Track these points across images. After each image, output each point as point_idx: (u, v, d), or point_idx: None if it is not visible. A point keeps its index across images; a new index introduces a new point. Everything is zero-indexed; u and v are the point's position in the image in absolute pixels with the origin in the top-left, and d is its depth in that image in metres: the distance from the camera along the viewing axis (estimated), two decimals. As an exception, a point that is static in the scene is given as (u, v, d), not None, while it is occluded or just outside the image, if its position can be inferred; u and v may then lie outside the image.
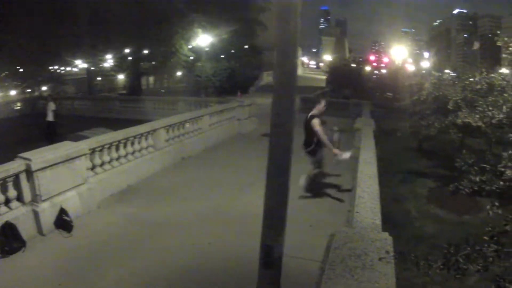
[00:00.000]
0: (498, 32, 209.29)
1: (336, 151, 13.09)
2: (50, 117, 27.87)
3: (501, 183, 6.29)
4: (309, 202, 13.15)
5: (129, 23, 45.95)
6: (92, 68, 54.38)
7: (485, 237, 5.13)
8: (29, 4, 41.84)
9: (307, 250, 9.63)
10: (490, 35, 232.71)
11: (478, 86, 18.65)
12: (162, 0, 47.83)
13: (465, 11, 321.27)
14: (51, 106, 28.14)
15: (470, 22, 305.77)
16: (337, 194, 14.05)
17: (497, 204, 5.97)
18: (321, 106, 13.61)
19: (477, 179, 6.76)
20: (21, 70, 52.21)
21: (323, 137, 12.89)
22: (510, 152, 6.53)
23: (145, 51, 52.93)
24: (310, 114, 13.33)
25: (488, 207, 6.10)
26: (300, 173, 13.83)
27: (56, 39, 45.71)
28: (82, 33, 47.09)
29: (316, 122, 12.90)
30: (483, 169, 6.96)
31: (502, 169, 6.56)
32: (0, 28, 41.23)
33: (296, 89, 5.99)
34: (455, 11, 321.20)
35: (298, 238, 9.71)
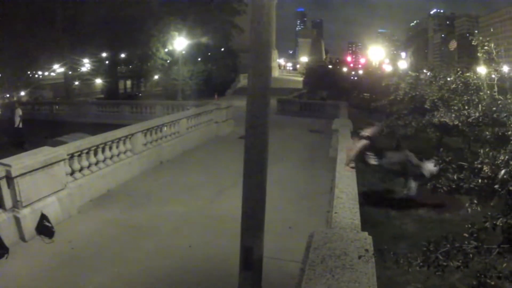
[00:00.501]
0: (476, 31, 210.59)
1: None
2: (17, 124, 27.92)
3: (479, 180, 6.40)
4: (286, 204, 13.22)
5: (106, 27, 45.72)
6: (70, 72, 53.97)
7: (465, 234, 5.25)
8: (7, 8, 41.53)
9: (287, 252, 9.75)
10: (467, 35, 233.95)
11: (454, 86, 18.78)
12: (139, 3, 47.71)
13: (442, 11, 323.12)
14: (19, 112, 28.20)
15: (447, 22, 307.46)
16: None
17: (475, 201, 6.10)
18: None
19: (455, 177, 6.85)
20: (-1, 75, 51.88)
21: None
22: (487, 149, 6.65)
23: (122, 55, 52.73)
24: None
25: (467, 204, 6.23)
26: (278, 174, 13.94)
27: (34, 43, 45.38)
28: (59, 37, 46.73)
29: None
30: (461, 167, 7.06)
31: (479, 166, 6.66)
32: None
33: (271, 91, 6.08)
34: (432, 11, 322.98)
35: (278, 240, 9.83)
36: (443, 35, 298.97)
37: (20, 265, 9.51)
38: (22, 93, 57.65)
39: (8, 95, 53.06)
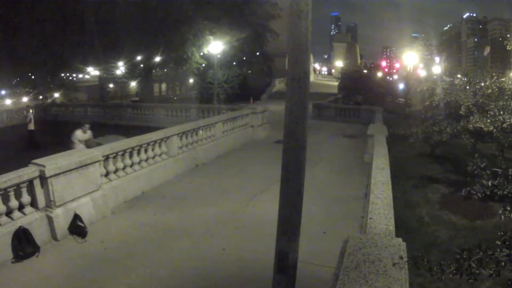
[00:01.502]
0: (508, 35, 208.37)
1: None
2: (31, 126, 28.78)
3: (513, 187, 6.29)
4: (321, 209, 13.12)
5: (140, 31, 45.96)
6: (104, 75, 54.42)
7: (498, 242, 5.14)
8: (39, 12, 42.01)
9: (320, 256, 9.65)
10: (500, 39, 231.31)
11: (489, 91, 18.56)
12: (173, 7, 47.92)
13: (474, 15, 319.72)
14: (30, 115, 28.92)
15: (480, 26, 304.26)
16: None
17: (509, 208, 5.98)
18: None
19: (489, 183, 6.74)
20: (32, 77, 52.36)
21: None
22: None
23: (157, 58, 53.04)
24: None
25: (500, 211, 6.11)
26: (313, 178, 13.87)
27: (66, 47, 45.83)
28: (92, 41, 47.15)
29: None
30: (495, 173, 6.95)
31: (513, 173, 6.55)
32: (11, 35, 41.44)
33: (309, 96, 6.01)
34: (465, 15, 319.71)
35: (312, 244, 9.73)
36: (476, 39, 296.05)
37: (51, 264, 9.59)
38: (56, 95, 58.27)
39: (41, 97, 53.69)
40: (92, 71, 58.61)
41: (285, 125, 5.95)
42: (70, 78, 70.23)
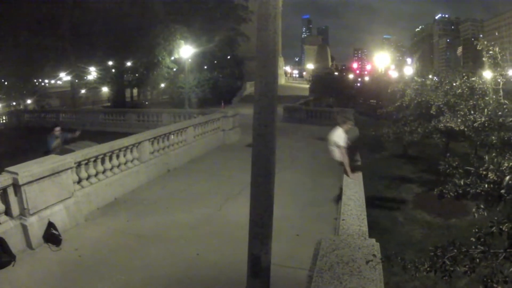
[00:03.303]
0: (481, 35, 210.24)
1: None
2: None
3: (486, 185, 6.39)
4: (294, 212, 13.20)
5: (112, 35, 45.80)
6: (76, 80, 54.08)
7: (472, 239, 5.26)
8: (13, 17, 41.69)
9: (294, 259, 9.71)
10: (472, 39, 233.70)
11: (459, 91, 18.75)
12: (144, 12, 47.86)
13: (447, 16, 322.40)
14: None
15: (452, 27, 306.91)
16: None
17: (482, 206, 6.10)
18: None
19: (462, 182, 6.84)
20: (5, 83, 51.94)
21: None
22: (493, 154, 6.65)
23: (128, 63, 52.80)
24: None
25: (473, 209, 6.24)
26: (286, 181, 13.95)
27: (40, 52, 45.51)
28: (65, 45, 46.87)
29: None
30: (468, 172, 7.05)
31: (485, 172, 6.65)
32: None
33: (277, 99, 6.10)
34: (437, 16, 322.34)
35: (285, 247, 9.84)
36: (448, 40, 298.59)
37: (27, 273, 9.53)
38: (29, 101, 57.86)
39: (14, 103, 53.29)
40: (64, 77, 58.30)
41: (253, 129, 6.03)
42: (43, 84, 69.76)
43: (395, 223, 15.87)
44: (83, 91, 69.41)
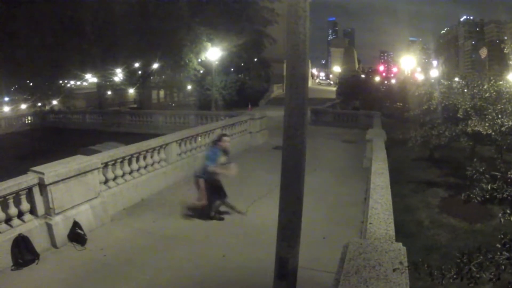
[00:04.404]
0: (505, 38, 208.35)
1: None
2: None
3: (512, 190, 6.30)
4: (321, 215, 13.10)
5: (138, 37, 45.95)
6: (102, 82, 54.39)
7: (498, 245, 5.14)
8: (37, 19, 41.94)
9: (320, 262, 9.64)
10: (497, 41, 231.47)
11: (487, 94, 18.58)
12: (170, 13, 47.93)
13: (471, 18, 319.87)
14: None
15: (477, 29, 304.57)
16: None
17: (508, 211, 5.98)
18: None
19: (488, 187, 6.75)
20: (30, 84, 52.37)
21: None
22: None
23: (155, 65, 53.02)
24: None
25: (499, 214, 6.11)
26: (312, 184, 13.86)
27: (65, 53, 45.77)
28: (90, 47, 47.13)
29: None
30: (494, 177, 6.95)
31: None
32: (10, 42, 41.35)
33: (307, 102, 6.02)
34: (462, 18, 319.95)
35: (312, 250, 9.73)
36: (473, 42, 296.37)
37: (51, 271, 9.56)
38: (54, 102, 58.25)
39: (39, 104, 53.61)
40: (90, 78, 58.60)
41: (284, 131, 5.96)
42: (68, 85, 70.35)
43: (421, 227, 15.73)
44: (109, 92, 69.81)
